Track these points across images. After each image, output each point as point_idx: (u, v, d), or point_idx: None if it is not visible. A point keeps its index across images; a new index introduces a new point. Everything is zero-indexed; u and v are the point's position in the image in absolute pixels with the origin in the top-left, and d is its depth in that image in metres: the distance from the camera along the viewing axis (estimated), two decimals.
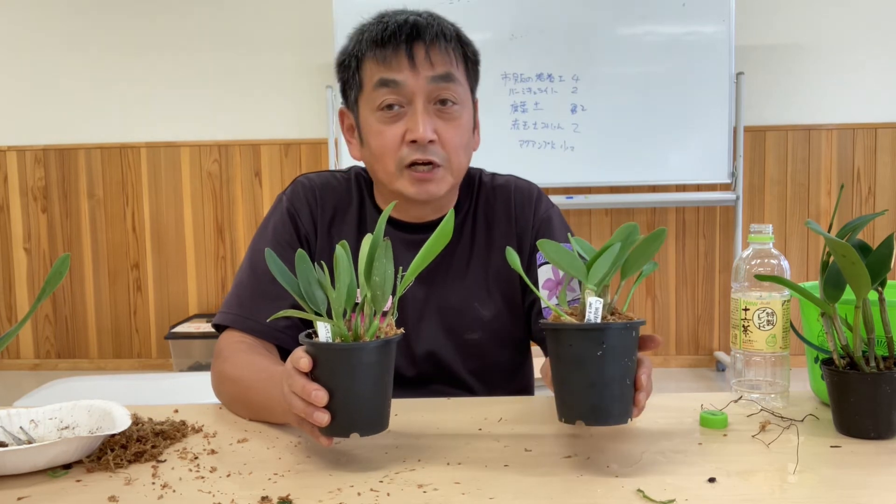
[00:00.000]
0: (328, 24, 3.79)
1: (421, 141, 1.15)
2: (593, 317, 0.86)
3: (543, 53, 3.71)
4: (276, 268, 0.90)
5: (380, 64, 1.16)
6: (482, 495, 0.80)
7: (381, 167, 1.20)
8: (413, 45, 1.15)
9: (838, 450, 0.92)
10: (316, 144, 4.11)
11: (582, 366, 0.85)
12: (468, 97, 1.22)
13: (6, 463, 0.86)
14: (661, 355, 4.12)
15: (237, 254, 4.21)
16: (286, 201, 1.28)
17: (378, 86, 1.16)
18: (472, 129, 1.24)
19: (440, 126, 1.17)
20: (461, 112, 1.19)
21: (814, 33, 3.93)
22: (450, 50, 1.18)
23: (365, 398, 0.86)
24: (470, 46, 1.23)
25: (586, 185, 3.82)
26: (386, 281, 0.87)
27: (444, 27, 1.18)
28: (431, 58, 1.15)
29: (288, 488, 0.83)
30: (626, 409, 0.87)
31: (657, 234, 0.87)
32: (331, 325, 0.87)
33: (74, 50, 4.16)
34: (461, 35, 1.21)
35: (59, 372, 4.22)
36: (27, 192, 4.24)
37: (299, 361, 0.86)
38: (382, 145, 1.18)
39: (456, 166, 1.20)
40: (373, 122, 1.18)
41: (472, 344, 1.26)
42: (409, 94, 1.16)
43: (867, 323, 0.96)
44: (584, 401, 0.86)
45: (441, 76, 1.16)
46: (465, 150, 1.22)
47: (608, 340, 0.84)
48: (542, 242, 0.90)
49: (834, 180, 3.98)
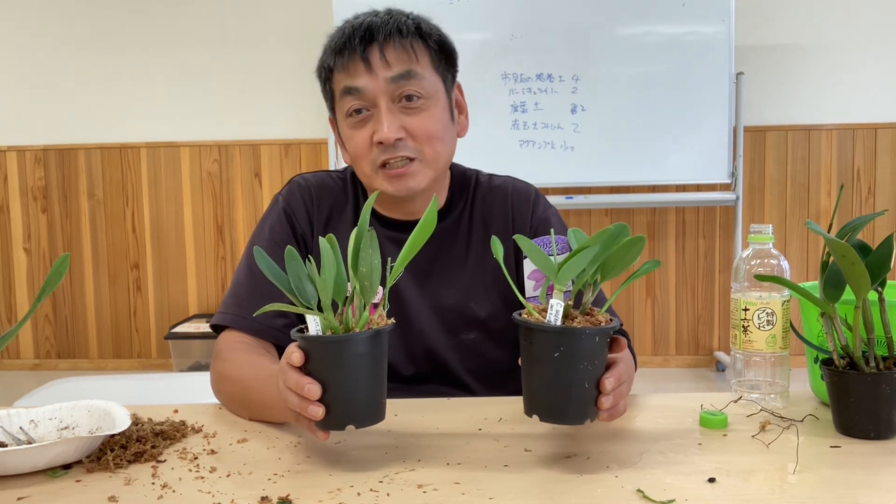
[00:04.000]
0: (328, 24, 3.77)
1: (386, 141, 1.15)
2: (553, 319, 0.86)
3: (543, 53, 3.71)
4: (266, 265, 0.90)
5: (341, 72, 1.18)
6: (482, 495, 0.80)
7: (360, 171, 1.22)
8: (367, 48, 1.16)
9: (838, 450, 0.92)
10: (316, 144, 4.11)
11: (540, 364, 0.86)
12: (438, 87, 1.21)
13: (6, 463, 0.86)
14: (661, 355, 4.13)
15: (237, 254, 4.21)
16: (282, 201, 1.28)
17: (343, 94, 1.18)
18: (447, 117, 1.22)
19: (407, 122, 1.17)
20: (429, 104, 1.18)
21: (814, 33, 3.93)
22: (407, 46, 1.17)
23: (358, 390, 0.86)
24: (433, 35, 1.21)
25: (586, 185, 3.82)
26: (373, 272, 0.87)
27: (399, 24, 1.17)
28: (387, 58, 1.16)
29: (288, 488, 0.83)
30: (584, 412, 0.87)
31: (635, 241, 0.86)
32: (320, 318, 0.87)
33: (74, 50, 4.16)
34: (422, 27, 1.20)
35: (59, 372, 4.22)
36: (27, 192, 4.24)
37: (291, 356, 0.87)
38: (355, 150, 1.20)
39: (432, 157, 1.19)
40: (346, 129, 1.21)
41: (469, 343, 1.26)
42: (372, 98, 1.16)
43: (867, 323, 0.96)
44: (540, 398, 0.87)
45: (400, 75, 1.16)
46: (442, 139, 1.20)
47: (566, 344, 0.84)
48: (519, 238, 0.90)
49: (834, 180, 3.98)
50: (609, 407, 0.87)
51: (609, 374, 0.87)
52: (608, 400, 0.87)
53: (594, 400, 0.87)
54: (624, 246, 0.87)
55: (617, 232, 0.88)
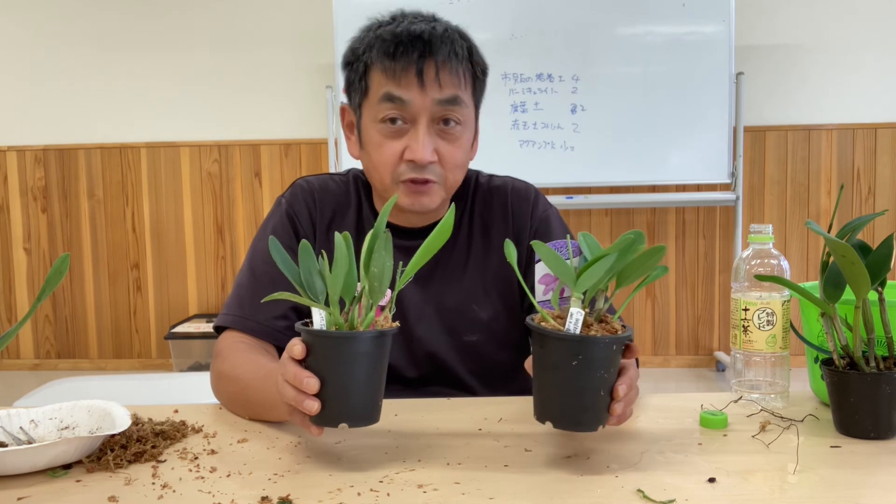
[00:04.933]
0: (328, 24, 3.79)
1: (420, 162, 1.14)
2: (573, 328, 0.85)
3: (543, 53, 3.71)
4: (279, 256, 0.90)
5: (388, 78, 1.14)
6: (482, 495, 0.80)
7: (378, 178, 1.20)
8: (424, 63, 1.13)
9: (838, 450, 0.92)
10: (316, 144, 4.11)
11: (556, 372, 0.85)
12: (472, 115, 1.21)
13: (6, 463, 0.86)
14: (661, 355, 4.13)
15: (237, 254, 4.21)
16: (285, 204, 1.28)
17: (384, 99, 1.15)
18: (471, 145, 1.24)
19: (441, 146, 1.16)
20: (463, 132, 1.18)
21: (814, 33, 3.93)
22: (460, 71, 1.16)
23: (356, 389, 0.86)
24: (480, 64, 1.21)
25: (586, 185, 3.82)
26: (384, 273, 0.87)
27: (456, 46, 1.15)
28: (441, 79, 1.13)
29: (288, 488, 0.83)
30: (598, 418, 0.87)
31: (656, 250, 0.86)
32: (326, 313, 0.87)
33: (74, 50, 4.16)
34: (473, 53, 1.19)
35: (59, 372, 4.22)
36: (27, 192, 4.24)
37: (293, 348, 0.87)
38: (381, 159, 1.17)
39: (451, 183, 1.20)
40: (374, 133, 1.17)
41: (471, 345, 1.26)
42: (414, 113, 1.14)
43: (867, 323, 0.96)
44: (555, 405, 0.87)
45: (448, 99, 1.15)
46: (463, 168, 1.22)
47: (585, 353, 0.84)
48: (537, 244, 0.90)
49: (834, 180, 3.98)
50: (620, 413, 0.87)
51: (622, 381, 0.87)
52: (620, 406, 0.87)
53: (607, 406, 0.87)
54: (643, 256, 0.87)
55: (635, 240, 0.88)
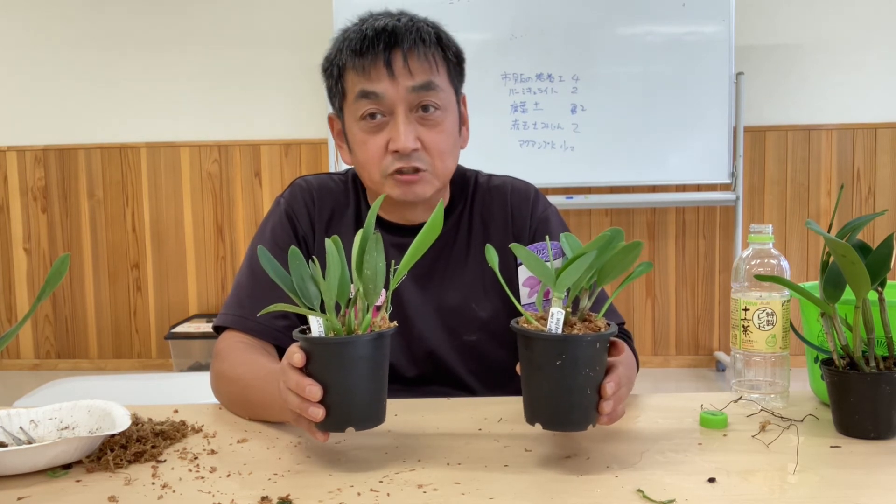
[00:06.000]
0: (328, 24, 3.79)
1: (403, 151, 1.15)
2: (554, 327, 0.85)
3: (543, 53, 3.71)
4: (270, 265, 0.90)
5: (360, 74, 1.15)
6: (482, 495, 0.80)
7: (367, 175, 1.20)
8: (391, 53, 1.14)
9: (838, 450, 0.92)
10: (316, 144, 4.11)
11: (542, 372, 0.85)
12: (452, 100, 1.21)
13: (6, 463, 0.86)
14: (661, 355, 4.13)
15: (237, 254, 4.21)
16: (284, 204, 1.28)
17: (359, 97, 1.16)
18: (457, 130, 1.23)
19: (423, 133, 1.16)
20: (444, 117, 1.18)
21: (814, 33, 3.93)
22: (429, 55, 1.16)
23: (359, 392, 0.86)
24: (451, 48, 1.20)
25: (586, 185, 3.82)
26: (377, 274, 0.87)
27: (422, 32, 1.16)
28: (410, 66, 1.14)
29: (288, 488, 0.83)
30: (587, 417, 0.87)
31: (633, 246, 0.86)
32: (323, 320, 0.87)
33: (74, 50, 4.16)
34: (441, 37, 1.19)
35: (59, 372, 4.22)
36: (27, 192, 4.24)
37: (293, 357, 0.87)
38: (367, 155, 1.18)
39: (441, 170, 1.20)
40: (357, 132, 1.19)
41: (471, 345, 1.26)
42: (390, 105, 1.15)
43: (867, 323, 0.96)
44: (543, 406, 0.87)
45: (421, 85, 1.15)
46: (451, 153, 1.21)
47: (568, 352, 0.84)
48: (515, 246, 0.90)
49: (834, 180, 3.98)
50: (609, 411, 0.87)
51: (609, 379, 0.87)
52: (609, 405, 0.87)
53: (596, 405, 0.87)
54: (621, 251, 0.87)
55: (612, 237, 0.88)
